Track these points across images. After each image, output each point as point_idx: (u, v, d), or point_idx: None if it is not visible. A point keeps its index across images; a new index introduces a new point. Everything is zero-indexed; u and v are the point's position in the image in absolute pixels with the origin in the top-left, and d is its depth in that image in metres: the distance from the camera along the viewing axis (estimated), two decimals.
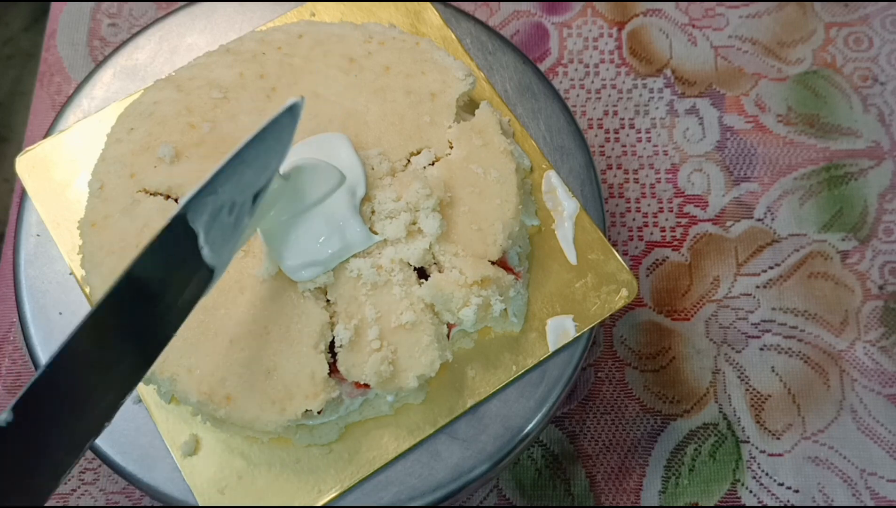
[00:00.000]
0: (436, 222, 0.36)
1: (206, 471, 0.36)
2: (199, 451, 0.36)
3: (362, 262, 0.35)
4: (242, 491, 0.35)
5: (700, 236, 0.51)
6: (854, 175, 0.52)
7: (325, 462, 0.36)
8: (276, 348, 0.35)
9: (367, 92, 0.39)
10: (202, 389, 0.34)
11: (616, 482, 0.47)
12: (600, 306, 0.38)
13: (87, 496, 0.46)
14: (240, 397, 0.34)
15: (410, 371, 0.35)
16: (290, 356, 0.34)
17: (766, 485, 0.46)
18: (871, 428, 0.47)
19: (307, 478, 0.36)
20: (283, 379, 0.34)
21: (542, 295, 0.38)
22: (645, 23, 0.57)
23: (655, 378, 0.48)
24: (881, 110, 0.54)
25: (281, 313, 0.35)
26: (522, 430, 0.37)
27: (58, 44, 0.57)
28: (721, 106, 0.54)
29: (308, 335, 0.35)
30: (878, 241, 0.51)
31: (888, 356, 0.48)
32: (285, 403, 0.34)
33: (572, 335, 0.38)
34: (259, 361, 0.34)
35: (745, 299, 0.50)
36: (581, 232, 0.40)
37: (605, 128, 0.54)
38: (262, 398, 0.34)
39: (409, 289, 0.35)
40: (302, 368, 0.34)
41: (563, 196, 0.40)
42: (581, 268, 0.39)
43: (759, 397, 0.48)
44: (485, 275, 0.35)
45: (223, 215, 0.32)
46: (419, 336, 0.35)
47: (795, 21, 0.56)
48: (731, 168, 0.53)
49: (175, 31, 0.44)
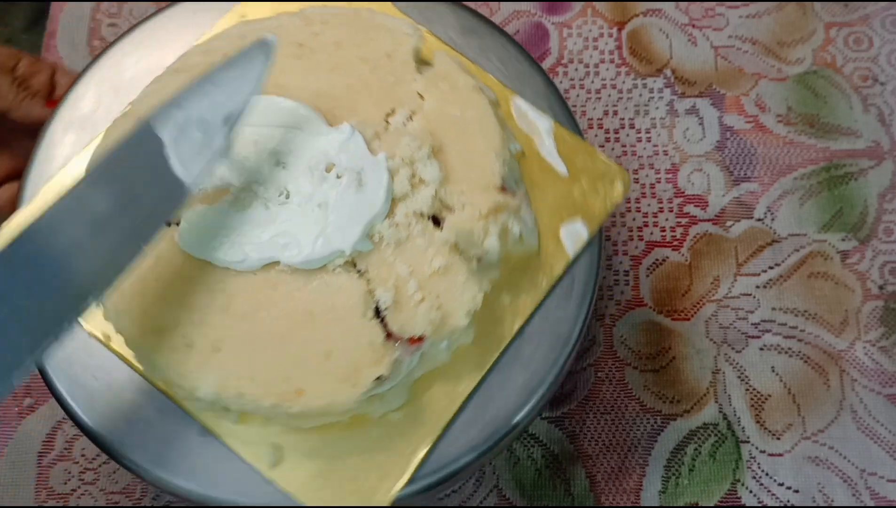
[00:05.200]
0: (435, 169, 0.37)
1: (300, 474, 0.36)
2: (284, 459, 0.36)
3: (380, 225, 0.36)
4: (339, 479, 0.36)
5: (700, 236, 0.51)
6: (854, 175, 0.52)
7: (404, 425, 0.36)
8: (327, 329, 0.35)
9: (326, 70, 0.39)
10: (271, 392, 0.34)
11: (616, 482, 0.47)
12: (602, 202, 0.40)
13: (87, 496, 0.46)
14: (309, 387, 0.34)
15: (458, 310, 0.35)
16: (344, 333, 0.35)
17: (766, 485, 0.46)
18: (871, 428, 0.47)
19: (395, 445, 0.36)
20: (344, 356, 0.35)
21: (546, 210, 0.40)
22: (645, 23, 0.57)
23: (655, 378, 0.48)
24: (881, 110, 0.54)
25: (319, 296, 0.35)
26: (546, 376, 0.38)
27: (58, 44, 0.57)
28: (721, 106, 0.54)
29: (353, 307, 0.35)
30: (878, 241, 0.51)
31: (888, 356, 0.48)
32: (354, 378, 0.34)
33: (585, 236, 0.40)
34: (315, 347, 0.35)
35: (745, 299, 0.50)
36: (562, 144, 0.41)
37: (605, 128, 0.54)
38: (330, 380, 0.34)
39: (430, 237, 0.36)
40: (358, 339, 0.35)
41: (536, 116, 0.42)
42: (573, 175, 0.41)
43: (759, 397, 0.48)
44: (495, 202, 0.36)
45: (191, 129, 0.33)
46: (455, 277, 0.36)
47: (795, 21, 0.56)
48: (731, 168, 0.53)
49: (112, 68, 0.44)
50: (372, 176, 0.36)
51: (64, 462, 0.47)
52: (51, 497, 0.46)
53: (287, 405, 0.34)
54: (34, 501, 0.46)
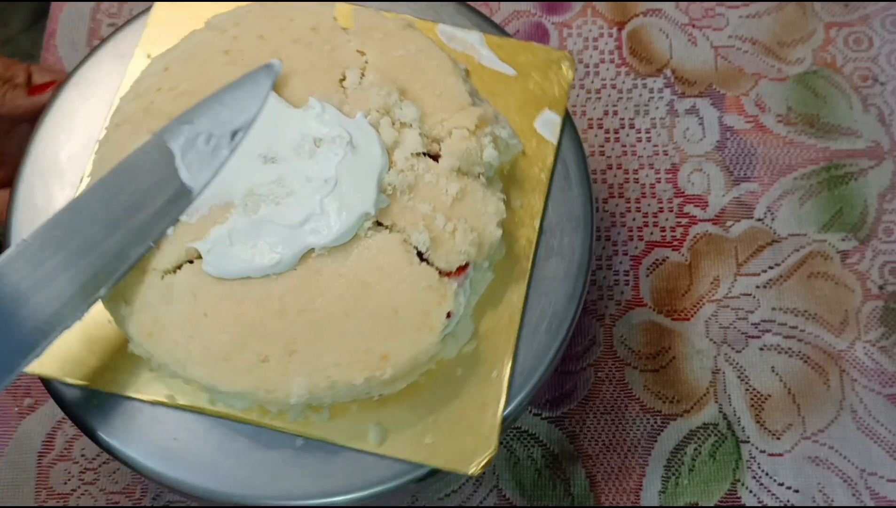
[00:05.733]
0: (411, 108, 0.38)
1: (409, 438, 0.37)
2: (389, 432, 0.37)
3: (388, 177, 0.37)
4: (446, 426, 0.37)
5: (700, 236, 0.51)
6: (854, 175, 0.52)
7: (480, 353, 0.38)
8: (384, 289, 0.35)
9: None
10: (359, 368, 0.34)
11: (616, 482, 0.47)
12: (558, 87, 0.42)
13: (87, 496, 0.46)
14: (391, 348, 0.35)
15: (489, 225, 0.37)
16: (400, 286, 0.35)
17: (766, 485, 0.46)
18: (871, 428, 0.47)
19: (479, 372, 0.37)
20: (410, 307, 0.35)
21: (512, 113, 0.42)
22: (645, 23, 0.57)
23: (655, 378, 0.48)
24: (881, 110, 0.54)
25: (364, 263, 0.36)
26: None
27: (58, 44, 0.57)
28: (721, 106, 0.54)
29: (398, 260, 0.36)
30: (878, 241, 0.51)
31: (888, 356, 0.48)
32: (427, 323, 0.35)
33: (558, 120, 0.42)
34: (381, 310, 0.35)
35: (745, 299, 0.50)
36: (499, 50, 0.43)
37: (605, 128, 0.54)
38: (407, 334, 0.35)
39: (436, 171, 0.37)
40: (416, 286, 0.35)
41: (464, 35, 0.43)
42: (522, 74, 0.43)
43: (759, 397, 0.48)
44: (477, 117, 0.38)
45: (200, 142, 0.36)
46: (472, 197, 0.37)
47: (795, 21, 0.56)
48: (731, 168, 0.53)
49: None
50: (361, 136, 0.37)
51: (64, 462, 0.47)
52: (51, 497, 0.46)
53: (379, 374, 0.35)
54: (34, 501, 0.46)
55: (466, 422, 0.37)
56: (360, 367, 0.34)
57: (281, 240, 0.35)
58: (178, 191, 0.36)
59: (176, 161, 0.36)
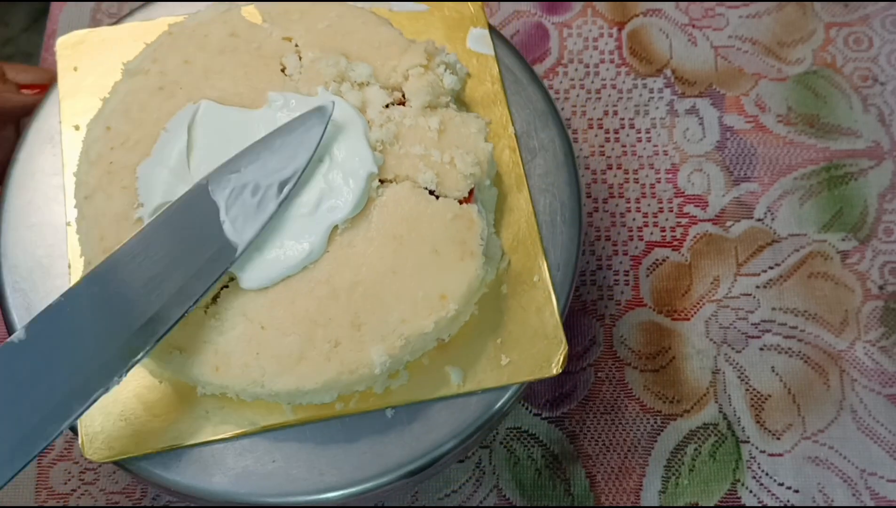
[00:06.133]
0: (363, 67, 0.38)
1: (490, 368, 0.38)
2: (467, 373, 0.38)
3: (371, 135, 0.37)
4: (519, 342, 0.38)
5: (700, 236, 0.51)
6: (854, 175, 0.52)
7: (516, 264, 0.39)
8: (416, 236, 0.36)
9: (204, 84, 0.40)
10: (426, 316, 0.35)
11: (616, 482, 0.47)
12: (472, 4, 0.44)
13: (87, 496, 0.46)
14: (446, 286, 0.36)
15: (478, 141, 0.38)
16: (429, 227, 0.36)
17: (766, 485, 0.46)
18: (871, 428, 0.47)
19: (525, 282, 0.39)
20: (447, 242, 0.36)
21: (442, 41, 0.43)
22: (645, 23, 0.57)
23: (655, 378, 0.48)
24: (881, 110, 0.54)
25: (386, 221, 0.37)
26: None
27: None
28: (721, 106, 0.54)
29: (416, 204, 0.37)
30: (878, 241, 0.51)
31: (888, 356, 0.48)
32: (467, 250, 0.36)
33: (486, 34, 0.43)
34: (422, 256, 0.36)
35: (745, 299, 0.50)
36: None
37: (605, 128, 0.54)
38: (456, 268, 0.36)
39: (410, 114, 0.38)
40: (444, 221, 0.37)
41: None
42: (434, 6, 0.44)
43: (759, 397, 0.48)
44: (423, 52, 0.39)
45: (246, 194, 0.34)
46: (453, 123, 0.38)
47: (795, 21, 0.56)
48: (731, 168, 0.53)
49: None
50: (340, 114, 0.37)
51: (64, 462, 0.47)
52: (51, 497, 0.46)
53: (444, 314, 0.35)
54: (34, 501, 0.46)
55: (530, 331, 0.38)
56: (425, 314, 0.35)
57: (304, 230, 0.36)
58: (221, 248, 0.34)
59: (221, 215, 0.34)
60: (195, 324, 0.35)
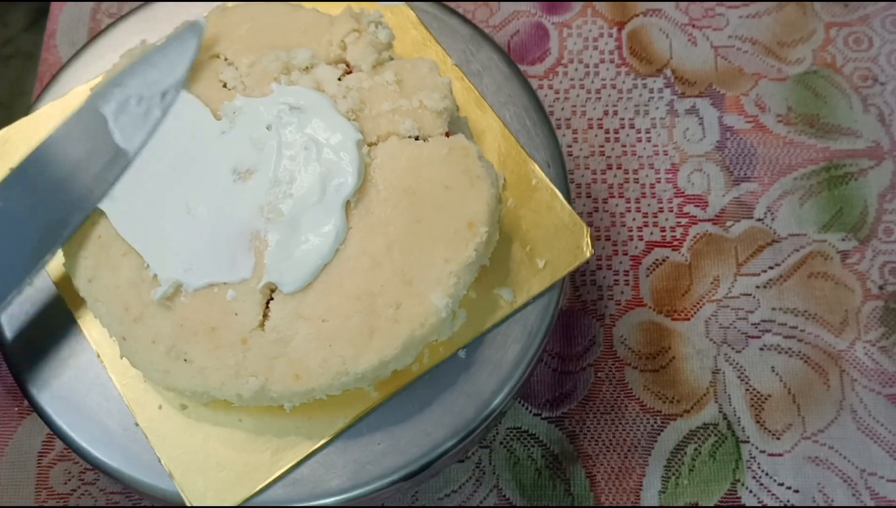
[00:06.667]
0: (301, 52, 0.39)
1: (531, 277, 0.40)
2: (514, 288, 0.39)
3: (340, 106, 0.38)
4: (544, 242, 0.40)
5: (700, 236, 0.51)
6: (854, 175, 0.52)
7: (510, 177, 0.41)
8: (424, 182, 0.37)
9: None
10: (464, 247, 0.36)
11: (616, 482, 0.47)
12: None
13: (87, 496, 0.46)
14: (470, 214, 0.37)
15: (434, 78, 0.39)
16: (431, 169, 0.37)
17: (766, 485, 0.46)
18: (871, 428, 0.47)
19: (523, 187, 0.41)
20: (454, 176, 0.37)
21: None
22: (645, 23, 0.57)
23: (655, 378, 0.48)
24: (881, 110, 0.54)
25: (391, 179, 0.37)
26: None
27: (58, 44, 0.57)
28: (721, 106, 0.54)
29: (410, 154, 0.38)
30: (878, 241, 0.51)
31: (888, 356, 0.48)
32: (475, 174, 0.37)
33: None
34: (436, 198, 0.37)
35: (745, 299, 0.50)
36: None
37: (605, 128, 0.54)
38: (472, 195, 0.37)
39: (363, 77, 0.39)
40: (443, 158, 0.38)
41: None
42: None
43: (759, 397, 0.48)
44: (350, 16, 0.40)
45: (131, 105, 0.37)
46: (405, 70, 0.39)
47: (795, 21, 0.56)
48: (731, 168, 0.53)
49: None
50: (292, 99, 0.38)
51: (64, 462, 0.47)
52: (51, 497, 0.46)
53: (479, 240, 0.36)
54: (34, 501, 0.46)
55: (551, 228, 0.40)
56: (462, 245, 0.36)
57: (320, 217, 0.36)
58: (113, 155, 0.37)
59: (109, 125, 0.37)
60: (259, 345, 0.35)
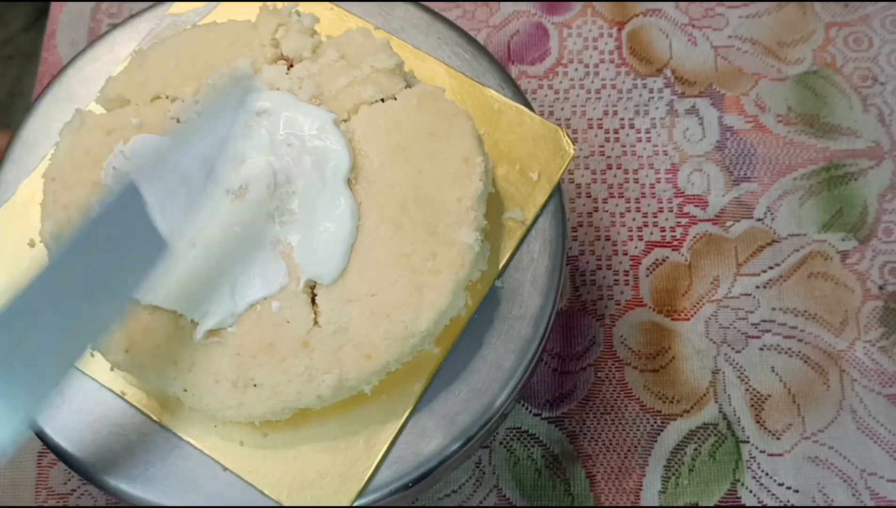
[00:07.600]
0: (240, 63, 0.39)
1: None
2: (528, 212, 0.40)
3: (301, 96, 0.38)
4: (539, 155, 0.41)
5: (700, 236, 0.51)
6: (854, 175, 0.52)
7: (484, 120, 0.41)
8: (410, 135, 0.38)
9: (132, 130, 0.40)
10: (473, 181, 0.37)
11: (616, 482, 0.47)
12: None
13: (87, 496, 0.46)
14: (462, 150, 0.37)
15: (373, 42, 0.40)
16: (410, 123, 0.38)
17: (766, 485, 0.46)
18: (871, 428, 0.47)
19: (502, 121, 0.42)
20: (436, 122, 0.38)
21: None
22: (645, 23, 0.57)
23: (655, 378, 0.48)
24: (881, 110, 0.54)
25: (380, 143, 0.38)
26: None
27: (58, 44, 0.57)
28: (721, 106, 0.54)
29: (390, 116, 0.38)
30: (878, 241, 0.51)
31: (888, 356, 0.48)
32: (455, 111, 0.38)
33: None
34: (428, 145, 0.38)
35: (745, 299, 0.50)
36: None
37: (605, 128, 0.54)
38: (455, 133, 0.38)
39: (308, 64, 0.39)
40: (419, 110, 0.38)
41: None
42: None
43: (759, 397, 0.48)
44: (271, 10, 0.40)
45: (175, 187, 0.32)
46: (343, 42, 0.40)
47: (795, 21, 0.56)
48: (731, 168, 0.53)
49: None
50: (251, 103, 0.38)
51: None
52: (51, 497, 0.46)
53: (480, 168, 0.37)
54: (34, 501, 0.46)
55: (529, 141, 0.41)
56: (468, 180, 0.37)
57: (329, 203, 0.36)
58: (154, 245, 0.32)
59: (149, 209, 0.31)
60: (320, 344, 0.35)
